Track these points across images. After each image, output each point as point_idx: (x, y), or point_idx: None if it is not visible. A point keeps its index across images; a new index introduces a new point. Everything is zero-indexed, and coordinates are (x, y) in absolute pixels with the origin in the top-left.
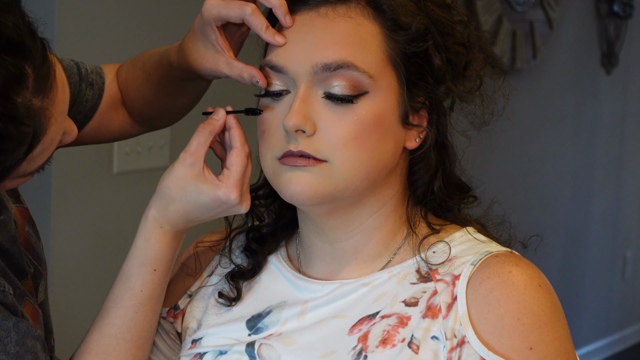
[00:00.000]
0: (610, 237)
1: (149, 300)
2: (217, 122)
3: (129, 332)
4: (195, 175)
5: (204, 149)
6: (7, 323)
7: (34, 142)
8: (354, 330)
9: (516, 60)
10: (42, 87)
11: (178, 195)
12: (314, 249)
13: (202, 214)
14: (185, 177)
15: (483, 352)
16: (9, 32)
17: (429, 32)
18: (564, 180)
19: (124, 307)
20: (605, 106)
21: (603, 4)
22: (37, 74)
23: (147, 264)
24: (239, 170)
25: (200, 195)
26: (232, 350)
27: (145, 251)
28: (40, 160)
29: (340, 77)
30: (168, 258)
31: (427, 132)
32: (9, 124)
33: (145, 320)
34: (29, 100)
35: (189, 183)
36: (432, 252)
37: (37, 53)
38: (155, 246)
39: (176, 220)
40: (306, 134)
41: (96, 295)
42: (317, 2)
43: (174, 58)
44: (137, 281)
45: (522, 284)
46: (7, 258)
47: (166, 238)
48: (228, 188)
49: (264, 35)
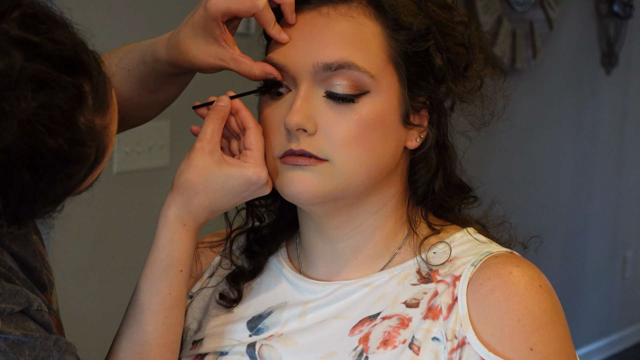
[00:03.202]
0: (610, 237)
1: (178, 302)
2: (225, 108)
3: (161, 337)
4: (217, 162)
5: (218, 135)
6: (49, 342)
7: (97, 160)
8: (354, 331)
9: (516, 60)
10: (101, 103)
11: (202, 185)
12: (315, 249)
13: (229, 200)
14: (207, 167)
15: (483, 353)
16: (67, 51)
17: (430, 32)
18: (564, 180)
19: (153, 313)
20: (605, 106)
21: (603, 4)
22: (95, 91)
23: (174, 265)
24: (260, 149)
25: (228, 180)
26: (232, 351)
27: (170, 253)
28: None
29: (341, 77)
30: (190, 255)
31: (427, 132)
32: (75, 148)
33: (176, 323)
34: (90, 121)
35: (213, 171)
36: (433, 253)
37: (94, 69)
38: (179, 246)
39: (200, 214)
40: (307, 133)
41: (96, 295)
42: (319, 2)
43: (163, 54)
44: (164, 285)
45: (523, 285)
46: (30, 272)
47: (190, 236)
48: (257, 167)
49: (272, 31)
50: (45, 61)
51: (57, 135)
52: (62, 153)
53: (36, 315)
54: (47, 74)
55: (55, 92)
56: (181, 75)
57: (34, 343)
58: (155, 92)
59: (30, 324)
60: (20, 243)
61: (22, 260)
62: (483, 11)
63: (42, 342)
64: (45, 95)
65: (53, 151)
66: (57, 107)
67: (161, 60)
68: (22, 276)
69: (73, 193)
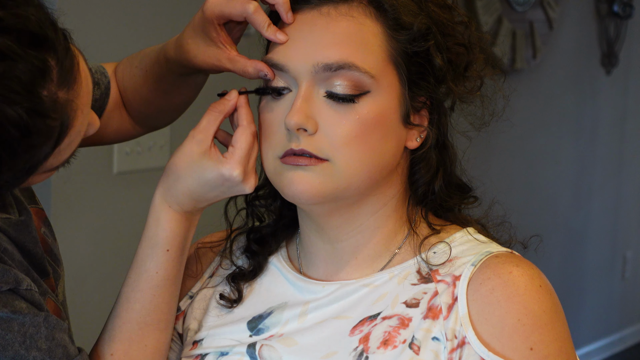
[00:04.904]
0: (610, 237)
1: (165, 281)
2: (228, 102)
3: (149, 315)
4: (202, 152)
5: (213, 127)
6: (38, 319)
7: (61, 135)
8: (355, 331)
9: (516, 60)
10: (67, 79)
11: (184, 171)
12: (315, 249)
13: (207, 192)
14: (191, 154)
15: (483, 353)
16: (31, 26)
17: (430, 31)
18: (564, 180)
19: (141, 291)
20: (605, 106)
21: (603, 4)
22: (60, 65)
23: (159, 244)
24: (243, 147)
25: (204, 171)
26: (233, 351)
27: (156, 231)
28: (66, 153)
29: (341, 77)
30: (180, 238)
31: (428, 132)
32: (36, 119)
33: (163, 302)
34: (54, 93)
35: (195, 159)
36: (433, 253)
37: (60, 45)
38: (165, 225)
39: (182, 199)
40: (308, 133)
41: (97, 294)
42: (320, 1)
43: (172, 54)
44: (151, 263)
45: (523, 285)
46: (30, 258)
47: (176, 217)
48: (231, 164)
49: (266, 33)
50: (6, 34)
51: (15, 104)
52: (22, 123)
53: (26, 295)
54: (8, 46)
55: (15, 63)
56: (192, 76)
57: (23, 320)
58: (171, 93)
59: (19, 303)
60: (19, 229)
61: (21, 245)
62: (483, 11)
63: (31, 319)
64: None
65: (12, 120)
66: (16, 77)
67: (171, 60)
68: (18, 258)
69: (44, 169)
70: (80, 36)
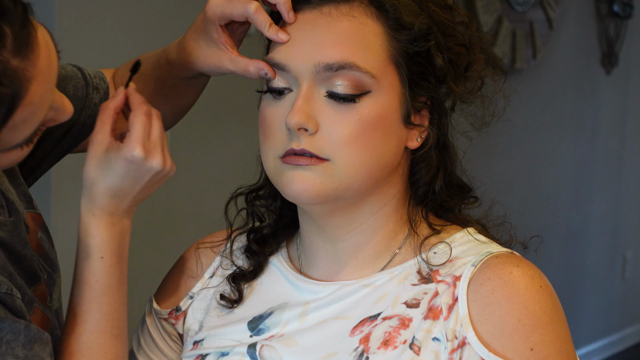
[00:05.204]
0: (610, 237)
1: (108, 289)
2: (116, 98)
3: (100, 324)
4: (104, 149)
5: (107, 124)
6: (19, 326)
7: (13, 104)
8: (355, 331)
9: (516, 60)
10: (22, 47)
11: (96, 174)
12: (315, 249)
13: (122, 184)
14: (96, 155)
15: (484, 354)
16: None
17: (431, 31)
18: (564, 181)
19: (86, 302)
20: (605, 106)
21: (603, 4)
22: (15, 34)
23: (92, 253)
24: (137, 127)
25: (110, 164)
26: (233, 351)
27: (87, 241)
28: (25, 129)
29: (342, 77)
30: (113, 244)
31: (428, 132)
32: None
33: (111, 310)
34: (6, 60)
35: (100, 158)
36: (433, 253)
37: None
38: (93, 233)
39: (103, 202)
40: (309, 133)
41: None
42: (321, 1)
43: (174, 56)
44: (88, 273)
45: (523, 285)
46: (18, 261)
47: (102, 224)
48: (129, 146)
49: (267, 32)
50: None
51: None
52: None
53: (6, 299)
54: None
55: None
56: (194, 79)
57: (1, 325)
58: (171, 97)
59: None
60: (8, 229)
61: (9, 246)
62: (483, 11)
63: (10, 325)
64: None
65: None
66: None
67: (173, 62)
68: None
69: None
70: (81, 37)
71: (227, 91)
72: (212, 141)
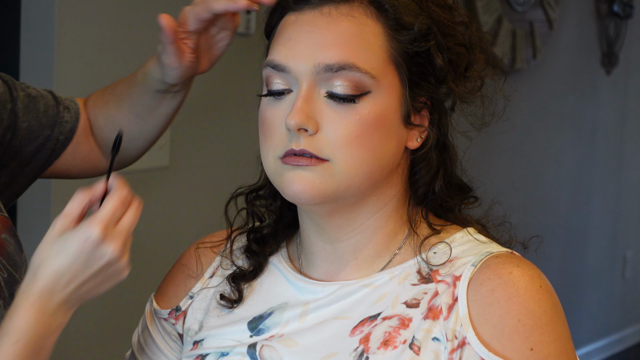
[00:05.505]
0: (610, 237)
1: None
2: (96, 186)
3: None
4: (61, 230)
5: (77, 211)
6: None
7: None
8: (355, 331)
9: (516, 60)
10: None
11: (46, 255)
12: (315, 249)
13: (73, 268)
14: (51, 237)
15: (484, 354)
16: None
17: (431, 32)
18: (564, 180)
19: None
20: (605, 106)
21: (603, 4)
22: None
23: (8, 334)
24: (106, 209)
25: (65, 243)
26: (233, 351)
27: (8, 321)
28: None
29: (342, 78)
30: (34, 334)
31: (428, 132)
32: None
33: None
34: None
35: (55, 239)
36: (433, 253)
37: None
38: (19, 314)
39: (44, 284)
40: (308, 133)
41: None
42: (320, 1)
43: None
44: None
45: (523, 285)
46: None
47: (32, 308)
48: (88, 223)
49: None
50: None
51: None
52: None
53: None
54: None
55: None
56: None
57: None
58: (144, 117)
59: None
60: None
61: None
62: (483, 11)
63: None
64: None
65: None
66: None
67: (149, 73)
68: None
69: None
70: (81, 38)
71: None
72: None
